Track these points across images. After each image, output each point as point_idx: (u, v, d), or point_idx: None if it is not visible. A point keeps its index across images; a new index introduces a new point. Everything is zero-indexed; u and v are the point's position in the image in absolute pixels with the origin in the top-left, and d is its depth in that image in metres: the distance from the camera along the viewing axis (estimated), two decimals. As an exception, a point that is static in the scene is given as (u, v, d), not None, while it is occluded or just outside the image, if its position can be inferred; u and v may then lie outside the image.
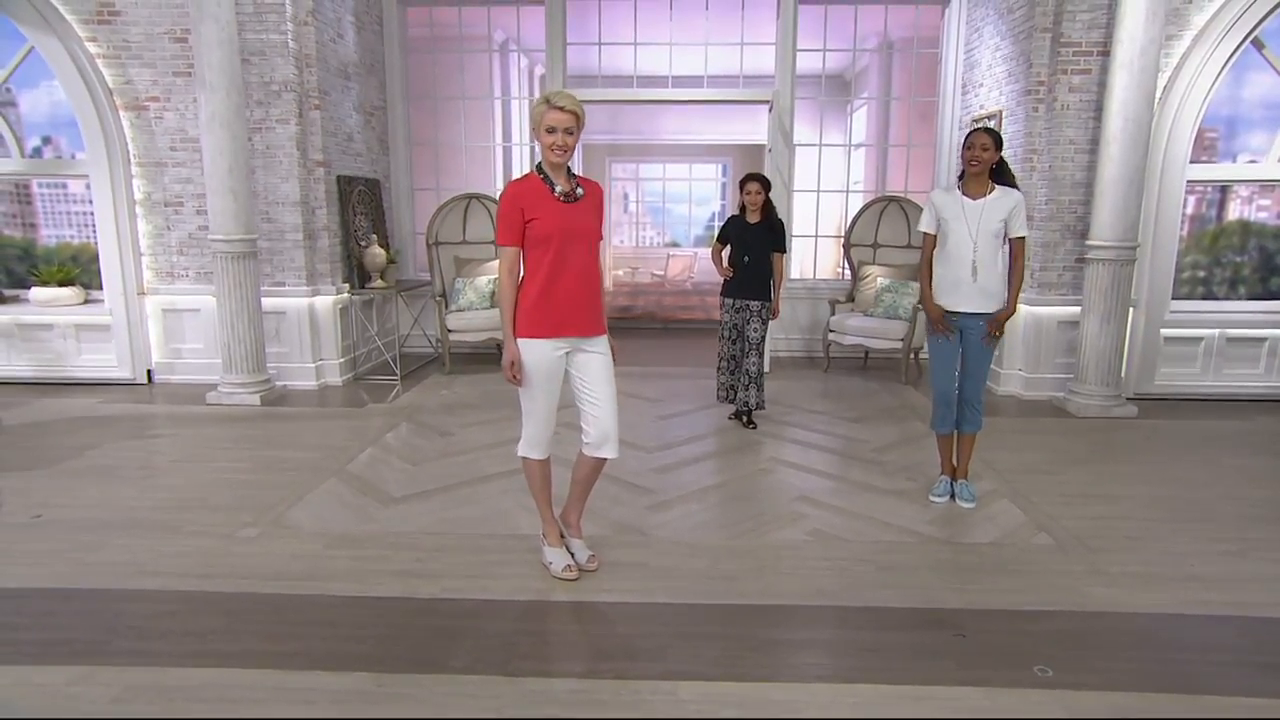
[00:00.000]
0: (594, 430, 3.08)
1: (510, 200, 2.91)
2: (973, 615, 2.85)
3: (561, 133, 2.83)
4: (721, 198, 15.00)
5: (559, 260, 2.90)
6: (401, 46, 7.46)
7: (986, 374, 3.88)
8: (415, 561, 3.28)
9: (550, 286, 2.91)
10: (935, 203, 3.81)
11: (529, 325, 2.94)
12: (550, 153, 2.86)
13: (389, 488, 4.13)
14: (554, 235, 2.88)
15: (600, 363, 3.07)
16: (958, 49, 7.23)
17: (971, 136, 3.70)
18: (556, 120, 2.83)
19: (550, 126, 2.83)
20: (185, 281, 6.28)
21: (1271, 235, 6.74)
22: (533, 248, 2.90)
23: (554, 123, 2.83)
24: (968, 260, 3.68)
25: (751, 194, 5.11)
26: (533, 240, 2.89)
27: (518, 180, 2.99)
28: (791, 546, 3.42)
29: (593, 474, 3.19)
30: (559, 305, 2.92)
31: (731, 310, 5.22)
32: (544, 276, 2.90)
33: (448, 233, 7.26)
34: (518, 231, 2.89)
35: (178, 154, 6.08)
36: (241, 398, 5.76)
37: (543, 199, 2.90)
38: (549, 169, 2.95)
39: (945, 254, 3.76)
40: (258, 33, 5.81)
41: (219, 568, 3.20)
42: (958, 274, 3.71)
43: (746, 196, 5.15)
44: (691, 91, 8.08)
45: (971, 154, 3.67)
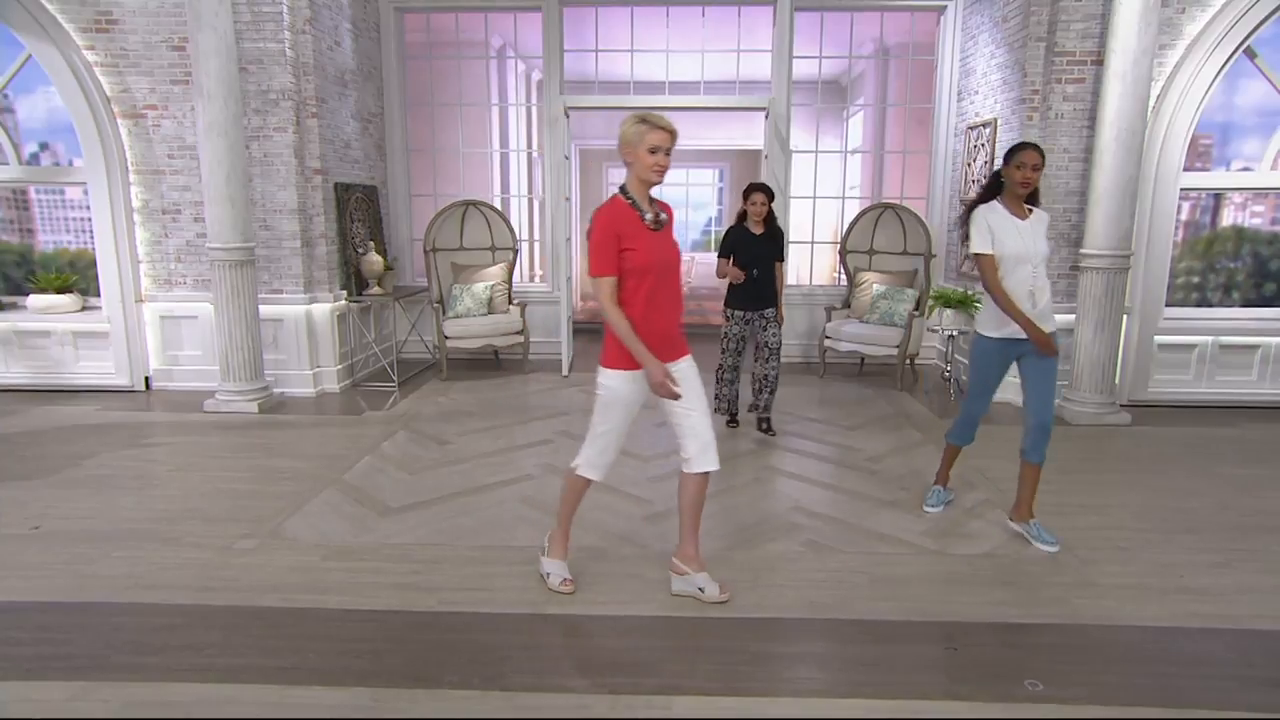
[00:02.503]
0: (694, 442, 3.01)
1: (605, 228, 2.79)
2: (964, 628, 2.88)
3: (664, 153, 2.79)
4: (719, 203, 15.03)
5: (654, 292, 2.84)
6: (399, 53, 7.48)
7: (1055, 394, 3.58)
8: (412, 574, 3.30)
9: (647, 320, 2.83)
10: (990, 223, 3.41)
11: (622, 358, 2.87)
12: (653, 174, 2.80)
13: (386, 498, 4.15)
14: (652, 267, 2.82)
15: (693, 373, 3.03)
16: (953, 56, 7.26)
17: (1022, 155, 3.35)
18: (661, 140, 2.77)
19: (654, 147, 2.76)
20: (183, 289, 6.30)
21: (1265, 241, 6.77)
22: (626, 278, 2.81)
23: (659, 142, 2.77)
24: (1026, 285, 3.39)
25: (758, 205, 5.08)
26: (627, 271, 2.80)
27: (608, 207, 2.87)
28: (786, 558, 3.44)
29: (700, 494, 3.08)
30: (654, 338, 2.85)
31: (740, 322, 5.15)
32: (641, 309, 2.83)
33: (445, 239, 7.28)
34: (614, 259, 2.79)
35: (175, 162, 6.10)
36: (239, 405, 5.77)
37: (636, 228, 2.82)
38: (637, 193, 2.86)
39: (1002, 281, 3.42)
40: (255, 41, 5.82)
41: (217, 580, 3.21)
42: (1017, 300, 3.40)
43: (752, 207, 5.10)
44: (688, 98, 8.10)
45: (1023, 175, 3.34)
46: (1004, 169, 3.44)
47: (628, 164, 2.82)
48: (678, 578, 3.11)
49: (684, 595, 3.09)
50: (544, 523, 3.80)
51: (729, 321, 5.18)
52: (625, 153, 2.82)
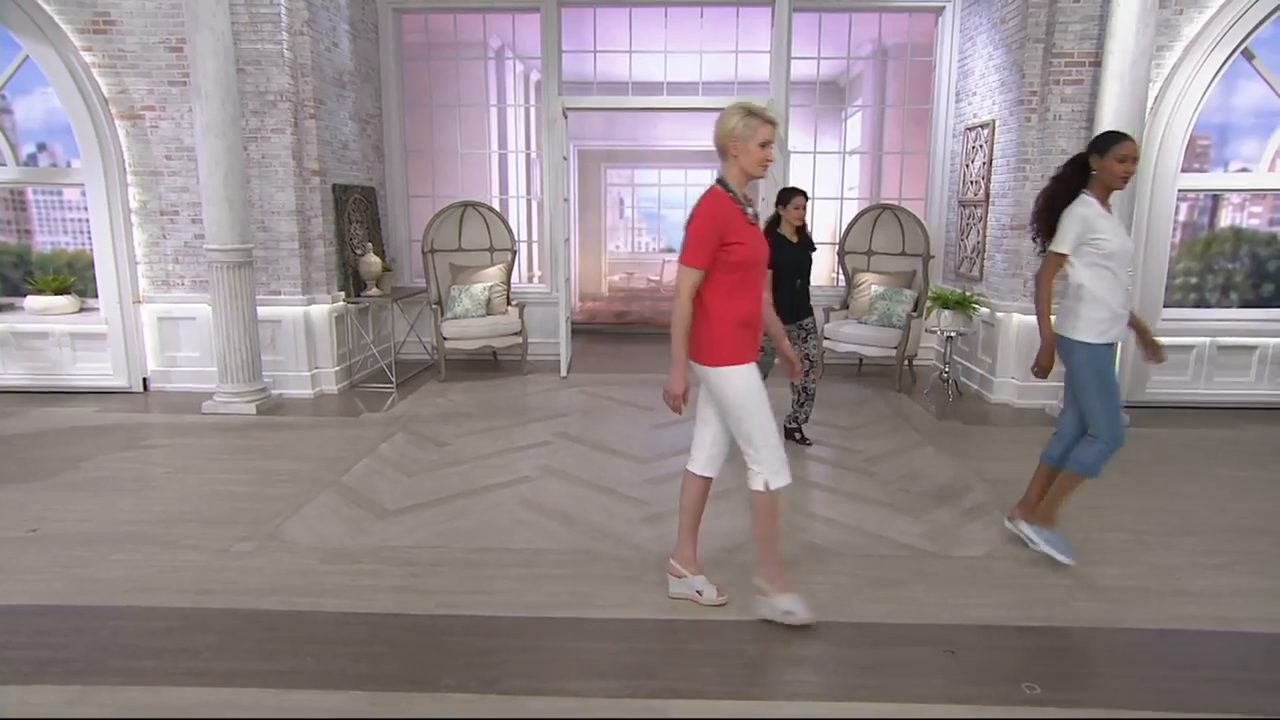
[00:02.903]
0: (711, 447, 3.01)
1: (713, 220, 2.72)
2: (962, 631, 2.88)
3: (771, 146, 2.76)
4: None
5: (751, 288, 2.80)
6: (397, 54, 7.48)
7: None
8: (410, 576, 3.29)
9: (752, 314, 2.81)
10: (1090, 220, 3.16)
11: (738, 352, 2.80)
12: (761, 168, 2.77)
13: (384, 500, 4.15)
14: (754, 262, 2.78)
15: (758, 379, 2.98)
16: (951, 57, 7.26)
17: (1123, 146, 3.14)
18: (770, 133, 2.73)
19: (765, 140, 2.72)
20: (181, 290, 6.29)
21: (1263, 242, 6.78)
22: (728, 272, 2.75)
23: (769, 136, 2.73)
24: (1124, 282, 3.26)
25: (801, 209, 4.77)
26: (730, 264, 2.73)
27: (715, 197, 2.78)
28: (784, 561, 3.43)
29: (701, 497, 3.09)
30: (749, 334, 2.83)
31: (790, 336, 4.78)
32: (749, 304, 2.80)
33: (443, 240, 7.28)
34: (712, 254, 2.72)
35: (173, 163, 6.09)
36: (237, 407, 5.77)
37: (740, 222, 2.75)
38: (738, 186, 2.80)
39: (1106, 281, 3.21)
40: (253, 42, 5.82)
41: (214, 583, 3.21)
42: (1120, 302, 3.25)
43: (794, 212, 4.77)
44: (686, 99, 8.10)
45: (1125, 168, 3.14)
46: (1097, 160, 3.18)
47: (732, 156, 2.76)
48: (675, 580, 3.11)
49: (682, 598, 3.08)
50: (542, 525, 3.81)
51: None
52: (732, 146, 2.74)
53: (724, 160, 2.80)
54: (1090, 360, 3.31)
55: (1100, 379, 3.32)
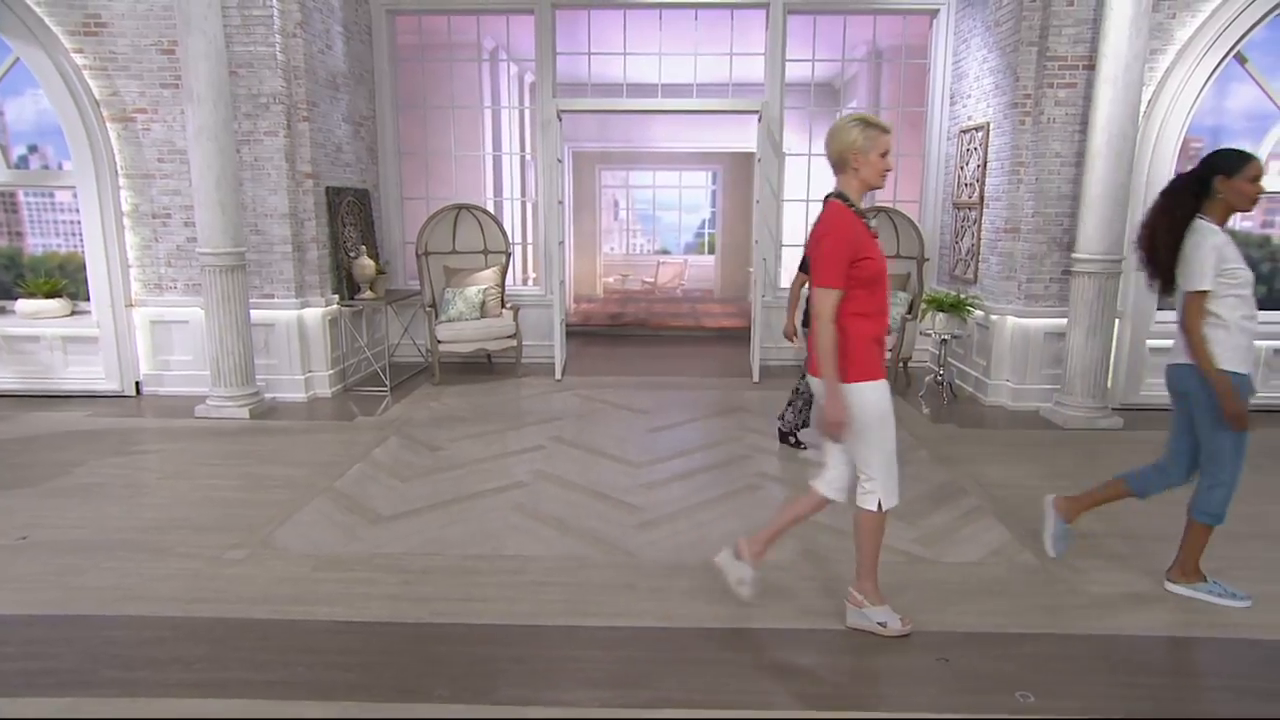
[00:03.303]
0: (847, 470, 2.91)
1: (843, 239, 2.64)
2: (957, 638, 2.87)
3: (890, 155, 2.73)
4: (712, 205, 15.03)
5: (885, 300, 2.76)
6: (391, 56, 7.45)
7: None
8: (403, 584, 3.28)
9: (882, 328, 2.76)
10: (1221, 249, 2.92)
11: (871, 368, 2.73)
12: (881, 179, 2.73)
13: (377, 505, 4.14)
14: (884, 275, 2.73)
15: None
16: (946, 60, 7.27)
17: (1253, 166, 2.92)
18: (889, 143, 2.70)
19: (885, 150, 2.69)
20: (173, 293, 6.26)
21: (1256, 244, 6.81)
22: (859, 287, 2.67)
23: (888, 145, 2.70)
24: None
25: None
26: (861, 280, 2.66)
27: (840, 213, 2.70)
28: (779, 566, 3.43)
29: (808, 512, 3.02)
30: (883, 347, 2.78)
31: None
32: (880, 318, 2.74)
33: (437, 243, 7.26)
34: (845, 272, 2.64)
35: (165, 166, 6.06)
36: (230, 411, 5.74)
37: (866, 235, 2.69)
38: (858, 198, 2.75)
39: (1245, 307, 2.96)
40: (246, 45, 5.79)
41: (206, 592, 3.19)
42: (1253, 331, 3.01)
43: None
44: (681, 101, 8.10)
45: (1257, 189, 2.94)
46: (1224, 181, 2.93)
47: (852, 169, 2.71)
48: (853, 609, 2.97)
49: (860, 629, 2.93)
50: (536, 531, 3.81)
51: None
52: (853, 158, 2.70)
53: (842, 173, 2.76)
54: (1239, 391, 2.96)
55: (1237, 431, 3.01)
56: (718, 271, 14.34)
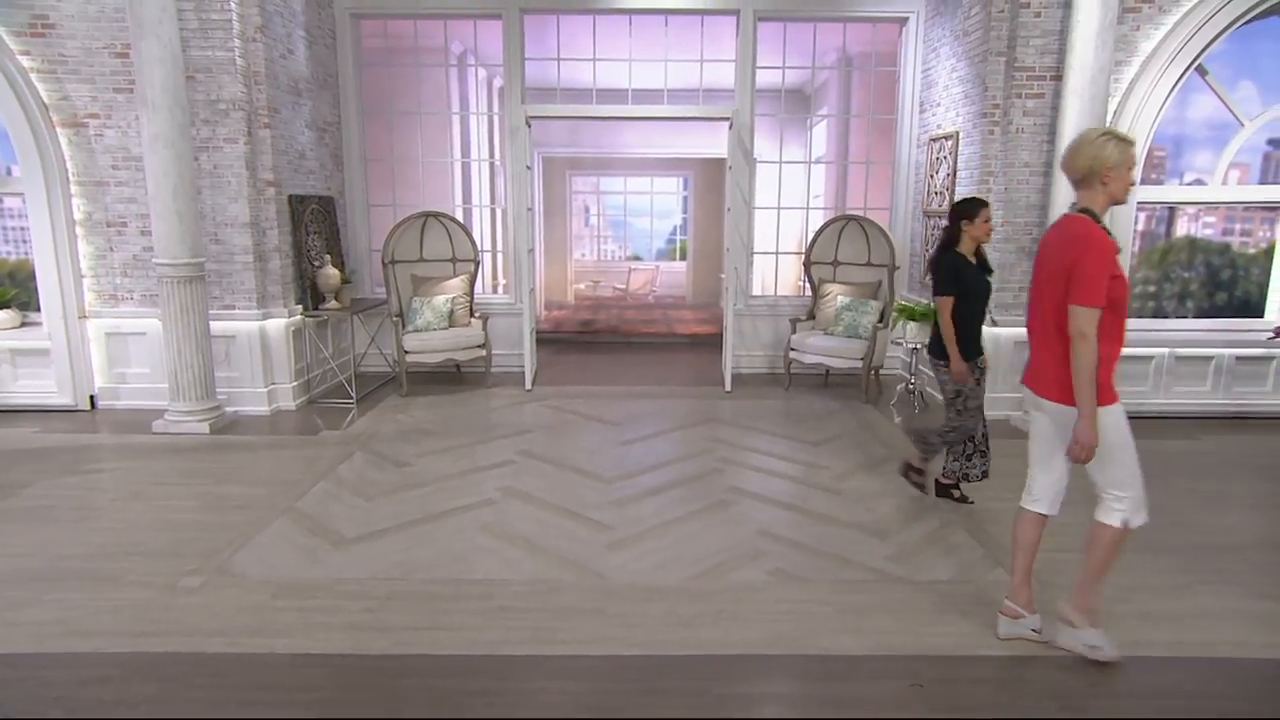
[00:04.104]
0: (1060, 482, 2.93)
1: (1104, 256, 2.56)
2: (930, 662, 2.84)
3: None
4: (683, 211, 14.99)
5: (1124, 323, 2.70)
6: (355, 60, 7.30)
7: None
8: (365, 612, 3.18)
9: (1119, 352, 2.71)
10: None
11: (1113, 391, 2.70)
12: (1126, 194, 2.68)
13: (341, 527, 4.02)
14: (1128, 298, 2.68)
15: None
16: (915, 68, 7.29)
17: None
18: (1134, 158, 2.68)
19: (1130, 164, 2.65)
20: (130, 304, 6.07)
21: (1217, 251, 6.92)
22: (1107, 310, 2.59)
23: (1134, 161, 2.67)
24: None
25: (990, 223, 4.09)
26: (1110, 301, 2.58)
27: (1095, 228, 2.62)
28: (751, 588, 3.38)
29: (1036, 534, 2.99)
30: (1113, 377, 2.72)
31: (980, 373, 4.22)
32: (1119, 342, 2.68)
33: (404, 251, 7.12)
34: (1105, 291, 2.56)
35: (120, 173, 5.87)
36: (189, 426, 5.57)
37: (1115, 255, 2.60)
38: (1102, 212, 2.68)
39: None
40: (203, 49, 5.63)
41: (158, 624, 3.06)
42: None
43: (984, 226, 4.05)
44: (652, 108, 8.04)
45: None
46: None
47: (1101, 184, 2.64)
48: (1008, 620, 2.95)
49: (1013, 638, 2.93)
50: (504, 552, 3.72)
51: (969, 373, 4.12)
52: (1104, 173, 2.63)
53: (1087, 189, 2.69)
54: None
55: None
56: (689, 278, 14.31)
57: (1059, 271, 2.64)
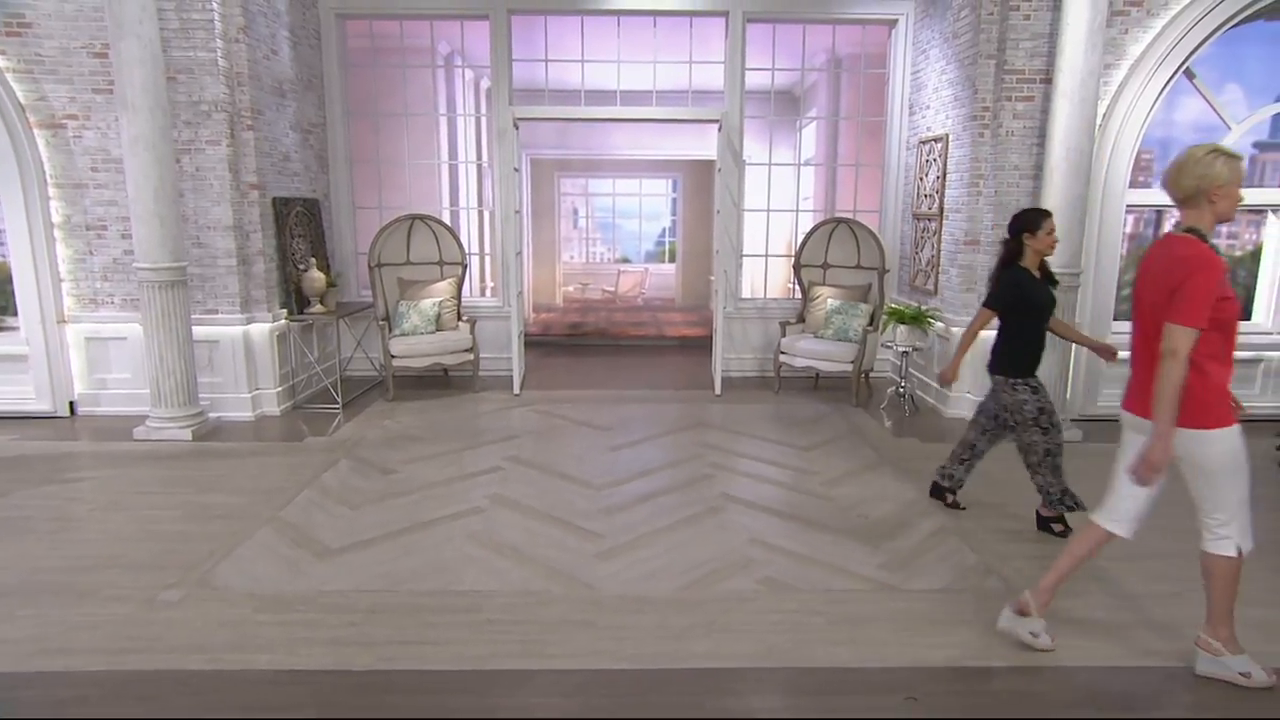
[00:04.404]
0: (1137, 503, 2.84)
1: (1216, 275, 2.51)
2: (925, 674, 2.80)
3: None
4: (672, 213, 14.93)
5: (1234, 344, 2.65)
6: (341, 61, 7.22)
7: None
8: (349, 625, 3.11)
9: (1230, 373, 2.66)
10: None
11: (1228, 413, 2.65)
12: (1233, 211, 2.61)
13: (325, 537, 3.94)
14: (1237, 316, 2.62)
15: None
16: (904, 70, 7.27)
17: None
18: (1243, 173, 2.61)
19: (1239, 181, 2.58)
20: (110, 309, 5.96)
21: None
22: (1219, 329, 2.57)
23: (1243, 177, 2.60)
24: None
25: (1054, 233, 3.90)
26: (1222, 322, 2.57)
27: (1203, 252, 2.54)
28: (742, 598, 3.34)
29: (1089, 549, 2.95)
30: (1228, 398, 2.68)
31: (1044, 394, 3.99)
32: (1229, 363, 2.64)
33: (391, 254, 7.04)
34: (1209, 312, 2.52)
35: (99, 175, 5.77)
36: (171, 432, 5.48)
37: (1224, 275, 2.54)
38: (1209, 231, 2.61)
39: None
40: (185, 50, 5.53)
41: (136, 640, 2.98)
42: None
43: (1048, 238, 3.85)
44: (640, 110, 8.00)
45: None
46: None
47: (1209, 202, 2.59)
48: (1207, 657, 2.82)
49: (1218, 678, 2.80)
50: (491, 562, 3.66)
51: (1034, 393, 3.94)
52: (1213, 191, 2.57)
53: (1194, 207, 2.62)
54: None
55: None
56: (679, 280, 14.27)
57: (1164, 293, 2.57)
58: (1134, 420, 2.80)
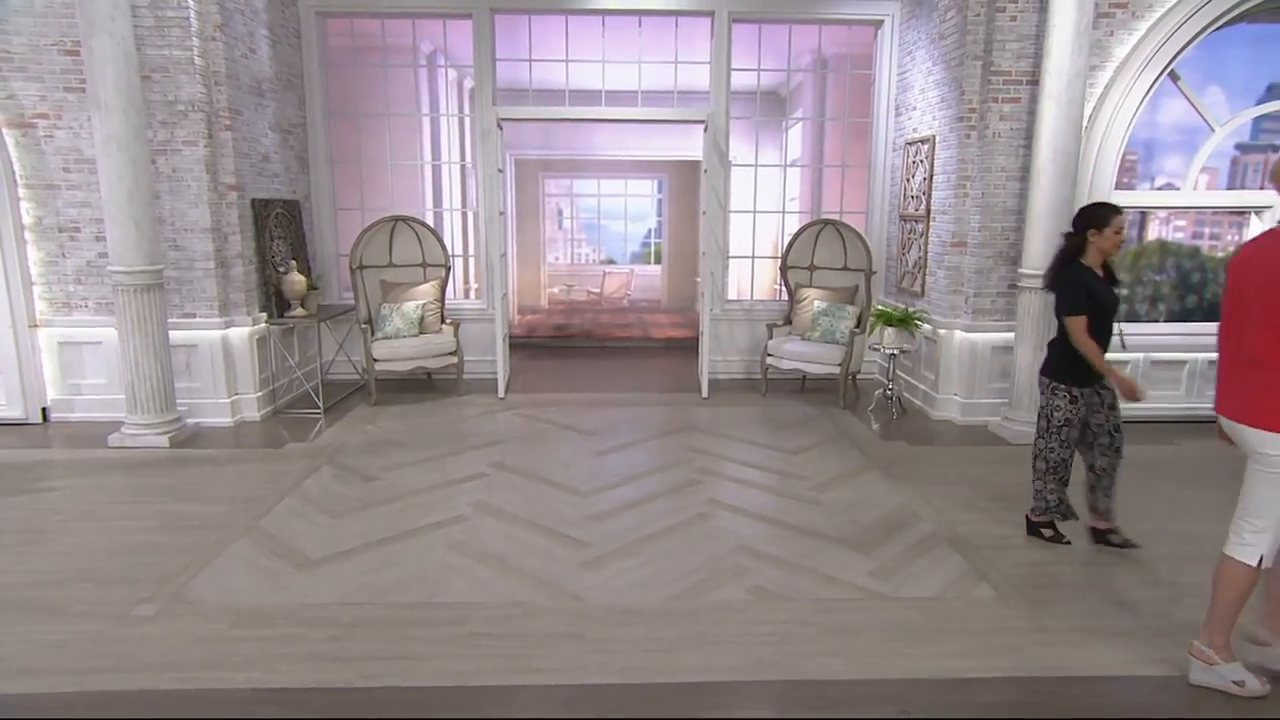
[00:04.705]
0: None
1: None
2: (918, 686, 2.76)
3: None
4: (658, 214, 14.86)
5: None
6: (321, 60, 7.10)
7: None
8: (330, 640, 3.03)
9: None
10: None
11: None
12: None
13: (305, 547, 3.85)
14: None
15: None
16: (890, 71, 7.25)
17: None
18: None
19: None
20: (84, 313, 5.83)
21: (1187, 255, 6.96)
22: None
23: None
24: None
25: (1123, 232, 3.66)
26: None
27: None
28: (731, 608, 3.28)
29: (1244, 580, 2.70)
30: None
31: (1084, 403, 3.76)
32: None
33: (373, 256, 6.94)
34: None
35: (72, 176, 5.63)
36: (148, 439, 5.36)
37: None
38: None
39: None
40: (159, 48, 5.41)
41: (107, 659, 2.88)
42: None
43: (1115, 237, 3.61)
44: (625, 110, 7.94)
45: None
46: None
47: None
48: (1200, 665, 2.76)
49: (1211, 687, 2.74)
50: (475, 573, 3.58)
51: (1071, 403, 3.75)
52: None
53: None
54: None
55: None
56: (664, 281, 14.22)
57: (1271, 290, 2.51)
58: (1229, 426, 2.72)
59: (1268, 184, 2.53)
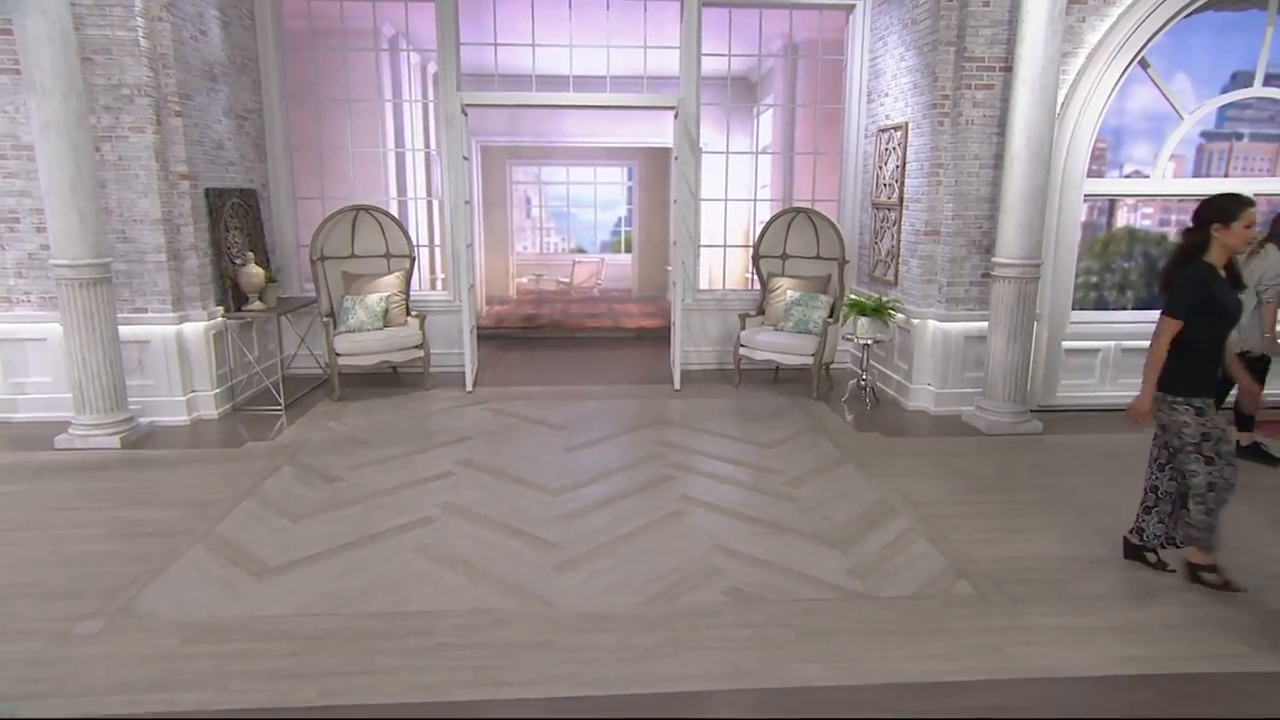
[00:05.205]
0: None
1: None
2: (897, 690, 2.69)
3: None
4: (628, 202, 14.67)
5: None
6: (277, 43, 6.83)
7: None
8: (289, 655, 2.88)
9: None
10: None
11: None
12: None
13: (264, 554, 3.69)
14: None
15: None
16: (862, 56, 7.16)
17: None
18: None
19: None
20: (26, 308, 5.56)
21: (1155, 242, 6.99)
22: None
23: None
24: None
25: (1253, 226, 3.27)
26: None
27: None
28: (707, 612, 3.19)
29: None
30: None
31: (1212, 418, 3.31)
32: None
33: (335, 246, 6.71)
34: None
35: (9, 163, 5.35)
36: (98, 440, 5.13)
37: None
38: None
39: None
40: (101, 28, 5.14)
41: (46, 681, 2.72)
42: None
43: (1245, 232, 3.23)
44: (594, 96, 7.76)
45: None
46: None
47: None
48: None
49: None
50: (443, 578, 3.46)
51: (1202, 417, 3.28)
52: None
53: None
54: None
55: None
56: (635, 270, 14.06)
57: None
58: None
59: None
